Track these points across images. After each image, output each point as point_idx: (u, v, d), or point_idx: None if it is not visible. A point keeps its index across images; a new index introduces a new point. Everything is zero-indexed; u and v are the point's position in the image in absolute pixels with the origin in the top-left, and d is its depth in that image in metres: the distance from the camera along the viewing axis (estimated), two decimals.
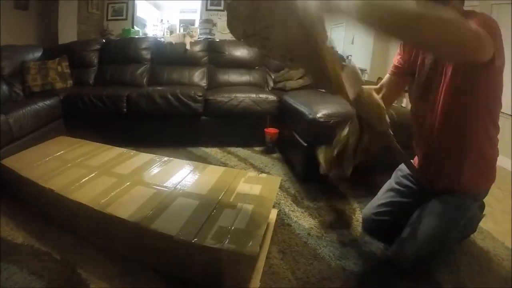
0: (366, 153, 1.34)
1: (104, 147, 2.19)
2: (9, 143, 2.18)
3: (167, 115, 2.96)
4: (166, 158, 2.01)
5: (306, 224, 1.80)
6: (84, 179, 1.70)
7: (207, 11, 5.79)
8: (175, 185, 1.65)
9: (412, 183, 1.60)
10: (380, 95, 1.58)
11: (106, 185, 1.64)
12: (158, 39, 4.21)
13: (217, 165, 2.34)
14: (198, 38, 4.24)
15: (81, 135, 2.38)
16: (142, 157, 2.04)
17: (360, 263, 1.50)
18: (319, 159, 1.49)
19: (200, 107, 2.99)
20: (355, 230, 1.77)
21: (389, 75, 1.61)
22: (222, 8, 5.69)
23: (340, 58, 1.40)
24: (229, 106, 2.98)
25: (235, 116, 3.00)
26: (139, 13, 6.10)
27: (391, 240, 1.50)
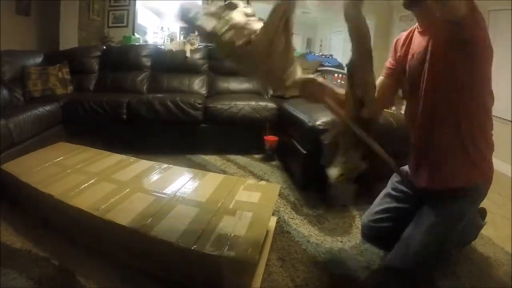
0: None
1: (104, 153, 2.19)
2: (9, 147, 2.19)
3: (167, 122, 2.97)
4: (166, 165, 2.01)
5: (305, 232, 1.80)
6: (83, 185, 1.71)
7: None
8: (174, 192, 1.66)
9: (407, 187, 1.58)
10: None
11: (106, 191, 1.65)
12: (159, 46, 4.24)
13: (216, 172, 2.34)
14: (198, 46, 4.24)
15: (81, 141, 2.39)
16: (142, 164, 2.04)
17: (360, 270, 1.50)
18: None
19: (200, 114, 2.99)
20: (355, 237, 1.77)
21: (382, 78, 1.58)
22: None
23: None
24: (228, 113, 2.99)
25: (235, 123, 3.01)
26: (140, 20, 6.13)
27: (391, 247, 1.49)
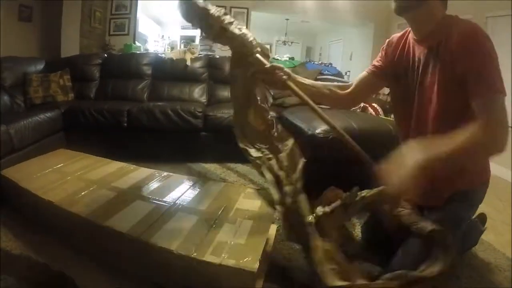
0: None
1: (104, 161, 2.19)
2: (9, 153, 2.19)
3: (167, 130, 2.98)
4: (166, 173, 2.02)
5: None
6: (83, 192, 1.71)
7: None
8: (174, 200, 1.66)
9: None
10: (348, 91, 1.57)
11: (106, 199, 1.65)
12: (159, 55, 4.27)
13: (216, 180, 2.34)
14: (199, 55, 4.28)
15: (81, 149, 2.39)
16: (142, 171, 2.04)
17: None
18: None
19: (200, 123, 3.01)
20: (355, 245, 1.77)
21: (365, 73, 1.55)
22: None
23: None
24: (228, 122, 2.99)
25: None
26: (141, 28, 6.18)
27: (392, 253, 1.48)
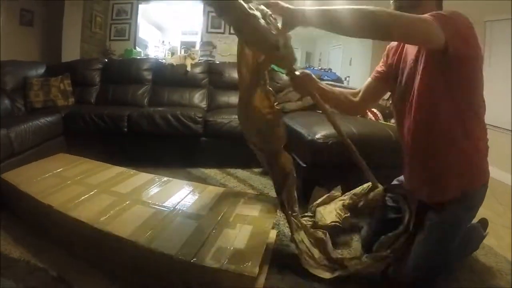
0: None
1: (104, 165, 2.19)
2: (9, 157, 2.19)
3: (167, 135, 2.98)
4: (166, 178, 2.01)
5: None
6: (83, 197, 1.71)
7: (208, 33, 5.89)
8: (174, 205, 1.66)
9: (404, 197, 1.57)
10: (358, 98, 1.62)
11: (105, 203, 1.64)
12: (160, 60, 4.27)
13: (216, 186, 2.34)
14: (199, 60, 4.29)
15: (81, 153, 2.39)
16: (142, 176, 2.04)
17: (361, 283, 1.49)
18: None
19: (200, 128, 3.01)
20: (356, 250, 1.76)
21: (370, 80, 1.61)
22: (222, 31, 5.82)
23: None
24: (228, 127, 3.00)
25: (235, 137, 2.99)
26: (141, 34, 6.20)
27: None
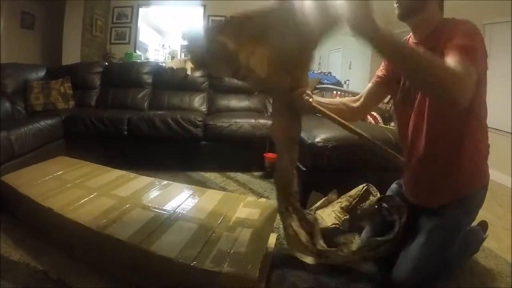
0: None
1: (104, 169, 2.19)
2: (9, 160, 2.19)
3: (167, 139, 2.99)
4: (166, 182, 2.01)
5: None
6: (83, 200, 1.71)
7: None
8: (174, 208, 1.65)
9: (403, 200, 1.57)
10: (358, 104, 1.61)
11: (105, 206, 1.64)
12: (160, 64, 4.27)
13: (216, 189, 2.34)
14: None
15: (81, 156, 2.39)
16: (142, 180, 2.04)
17: (361, 286, 1.49)
18: None
19: (200, 132, 3.01)
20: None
21: (371, 85, 1.61)
22: None
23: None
24: (228, 131, 3.01)
25: (235, 141, 3.02)
26: (142, 37, 6.21)
27: (393, 262, 1.46)
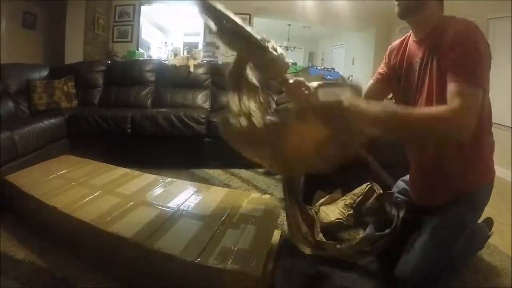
0: None
1: (107, 167, 2.20)
2: (13, 159, 2.20)
3: (171, 136, 2.99)
4: (170, 179, 2.01)
5: None
6: (87, 198, 1.71)
7: (210, 34, 5.83)
8: (178, 205, 1.65)
9: (409, 197, 1.57)
10: None
11: (110, 204, 1.65)
12: (162, 61, 4.28)
13: (220, 186, 2.34)
14: (202, 61, 4.29)
15: (85, 155, 2.39)
16: (146, 177, 2.04)
17: (365, 284, 1.48)
18: None
19: (203, 129, 3.01)
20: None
21: (372, 82, 1.59)
22: None
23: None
24: None
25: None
26: (144, 35, 6.22)
27: (397, 259, 1.45)
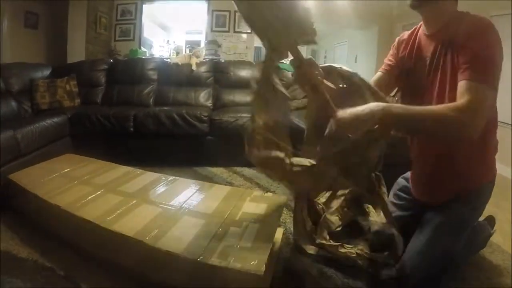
0: None
1: (110, 165, 2.20)
2: (16, 158, 2.21)
3: (173, 135, 2.99)
4: (172, 177, 2.01)
5: None
6: (90, 197, 1.71)
7: (212, 32, 5.89)
8: (181, 204, 1.65)
9: (409, 195, 1.57)
10: None
11: (112, 203, 1.65)
12: (165, 60, 4.27)
13: (222, 184, 2.33)
14: (204, 59, 4.29)
15: (87, 154, 2.39)
16: (148, 176, 2.04)
17: (367, 282, 1.48)
18: None
19: (206, 127, 3.02)
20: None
21: (380, 73, 1.54)
22: (227, 29, 5.82)
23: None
24: (234, 126, 3.00)
25: (241, 136, 2.99)
26: (146, 34, 6.21)
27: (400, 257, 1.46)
